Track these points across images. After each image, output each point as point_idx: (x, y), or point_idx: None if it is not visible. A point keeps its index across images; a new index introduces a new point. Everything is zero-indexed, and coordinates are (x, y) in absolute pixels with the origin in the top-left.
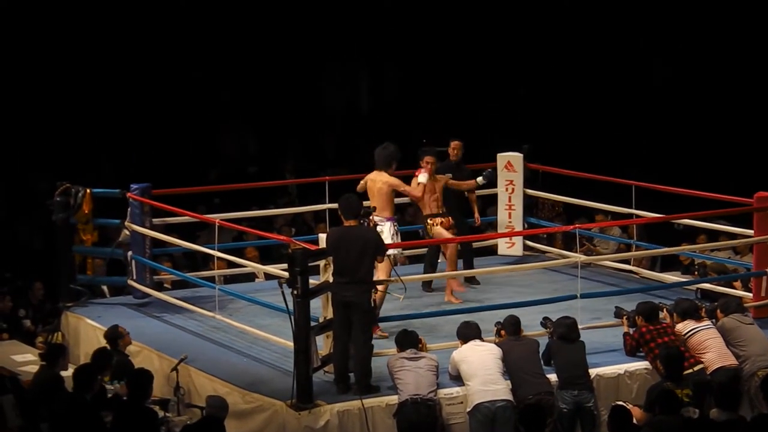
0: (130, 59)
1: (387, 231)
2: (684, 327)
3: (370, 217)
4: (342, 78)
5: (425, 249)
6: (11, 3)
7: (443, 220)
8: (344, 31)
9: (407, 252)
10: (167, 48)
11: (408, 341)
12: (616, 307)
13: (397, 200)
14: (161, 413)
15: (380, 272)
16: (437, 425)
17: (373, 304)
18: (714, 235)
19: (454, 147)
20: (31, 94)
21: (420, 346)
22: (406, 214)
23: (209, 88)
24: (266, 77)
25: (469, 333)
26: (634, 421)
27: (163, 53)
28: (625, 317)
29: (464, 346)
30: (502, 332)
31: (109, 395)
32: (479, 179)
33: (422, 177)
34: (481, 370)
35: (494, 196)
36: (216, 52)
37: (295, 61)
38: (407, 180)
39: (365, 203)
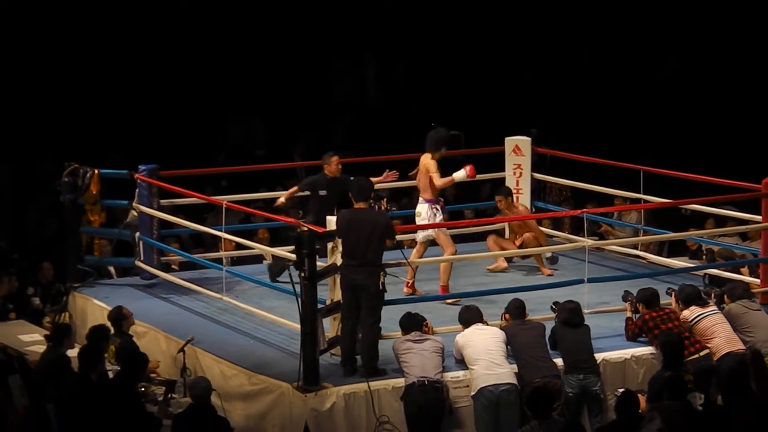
0: (140, 44)
1: (424, 213)
2: (691, 313)
3: (382, 201)
4: (349, 68)
5: None
6: None
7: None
8: (350, 20)
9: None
10: (177, 37)
11: (413, 324)
12: (624, 291)
13: (403, 183)
14: (168, 394)
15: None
16: (445, 407)
17: (383, 287)
18: (722, 221)
19: (335, 162)
20: (38, 79)
21: (425, 329)
22: (413, 198)
23: (218, 78)
24: (274, 68)
25: (470, 317)
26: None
27: (173, 42)
28: (629, 302)
29: (467, 330)
30: (506, 316)
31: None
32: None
33: (458, 174)
34: (485, 353)
35: (502, 180)
36: (225, 43)
37: (303, 53)
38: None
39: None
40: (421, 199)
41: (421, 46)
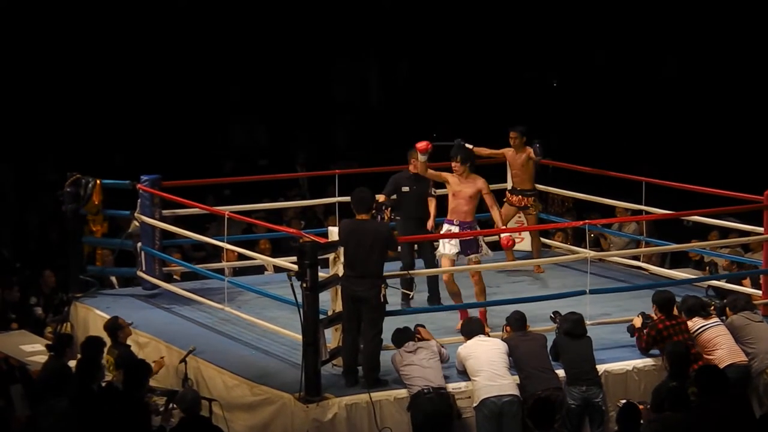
0: (142, 52)
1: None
2: (693, 324)
3: (385, 211)
4: (351, 69)
5: None
6: None
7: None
8: (353, 25)
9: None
10: (179, 42)
11: (404, 338)
12: (627, 328)
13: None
14: (169, 404)
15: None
16: (453, 413)
17: (384, 299)
18: (725, 232)
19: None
20: (43, 86)
21: (417, 337)
22: None
23: (220, 83)
24: (276, 72)
25: (473, 329)
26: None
27: (175, 47)
28: (639, 315)
29: (470, 341)
30: (507, 328)
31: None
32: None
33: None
34: (487, 365)
35: (504, 191)
36: (226, 47)
37: (305, 57)
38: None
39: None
40: None
41: (422, 47)
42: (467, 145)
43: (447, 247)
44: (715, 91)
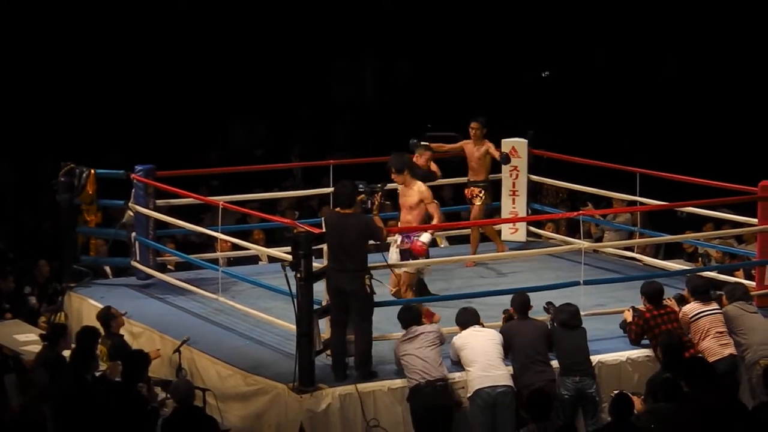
0: (142, 52)
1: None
2: (691, 309)
3: (376, 195)
4: (350, 68)
5: None
6: None
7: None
8: (352, 25)
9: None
10: (179, 42)
11: (409, 318)
12: (620, 325)
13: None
14: (162, 394)
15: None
16: (452, 404)
17: (371, 290)
18: (719, 224)
19: (427, 157)
20: (43, 86)
21: (424, 319)
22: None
23: (220, 82)
24: (276, 72)
25: (468, 319)
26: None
27: (175, 47)
28: (629, 309)
29: (464, 331)
30: (511, 310)
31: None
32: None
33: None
34: (482, 355)
35: (498, 182)
36: (226, 47)
37: (304, 53)
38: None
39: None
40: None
41: (422, 47)
42: (422, 144)
43: (393, 256)
44: (713, 87)
